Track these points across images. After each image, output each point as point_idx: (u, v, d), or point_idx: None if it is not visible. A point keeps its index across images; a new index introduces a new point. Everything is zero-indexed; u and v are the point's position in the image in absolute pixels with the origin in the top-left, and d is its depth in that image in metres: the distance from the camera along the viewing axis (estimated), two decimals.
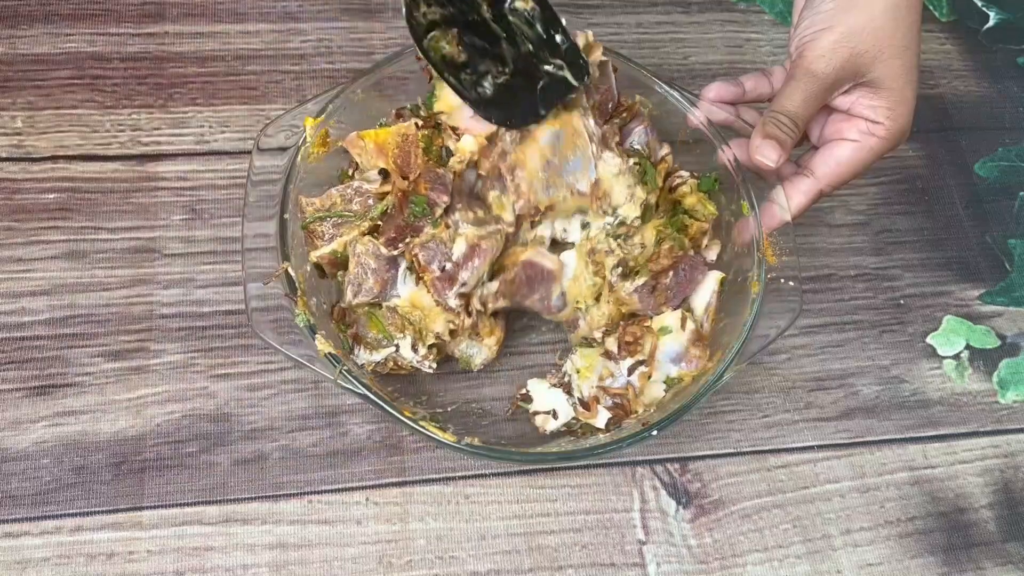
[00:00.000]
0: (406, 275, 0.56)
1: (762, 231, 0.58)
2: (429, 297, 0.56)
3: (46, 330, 0.60)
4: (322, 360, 0.53)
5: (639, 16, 0.79)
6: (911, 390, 0.67)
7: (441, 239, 0.55)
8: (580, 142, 0.56)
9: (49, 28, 0.70)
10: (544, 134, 0.56)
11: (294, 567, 0.55)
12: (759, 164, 0.57)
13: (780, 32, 0.80)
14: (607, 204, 0.57)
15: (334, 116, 0.59)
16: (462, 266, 0.55)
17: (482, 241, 0.55)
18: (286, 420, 0.59)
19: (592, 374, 0.57)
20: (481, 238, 0.55)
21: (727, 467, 0.62)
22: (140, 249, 0.63)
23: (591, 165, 0.56)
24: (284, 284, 0.54)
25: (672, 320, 0.58)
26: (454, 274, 0.55)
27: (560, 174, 0.56)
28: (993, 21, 0.85)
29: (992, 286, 0.72)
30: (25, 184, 0.64)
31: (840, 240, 0.72)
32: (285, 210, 0.56)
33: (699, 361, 0.57)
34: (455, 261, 0.55)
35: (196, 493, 0.57)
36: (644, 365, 0.57)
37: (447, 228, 0.55)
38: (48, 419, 0.58)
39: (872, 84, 0.58)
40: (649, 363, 0.57)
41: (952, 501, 0.63)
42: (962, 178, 0.77)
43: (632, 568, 0.58)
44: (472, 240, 0.55)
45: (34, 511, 0.55)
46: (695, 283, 0.59)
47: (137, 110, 0.68)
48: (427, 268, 0.55)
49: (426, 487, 0.59)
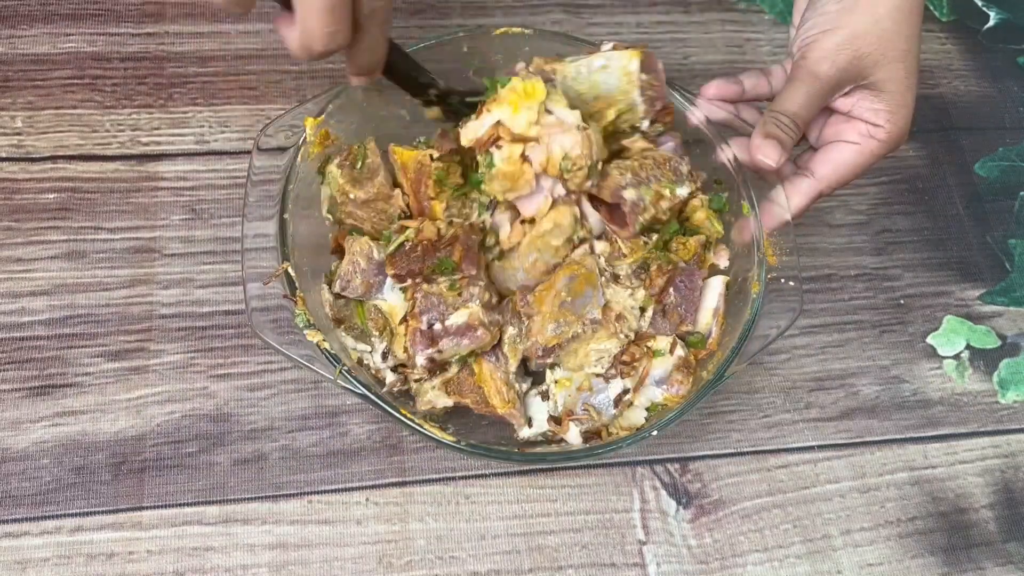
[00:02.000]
0: (394, 284, 0.56)
1: (762, 231, 0.58)
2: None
3: (46, 330, 0.60)
4: (322, 360, 0.53)
5: (639, 16, 0.79)
6: (911, 390, 0.67)
7: (446, 299, 0.55)
8: (592, 277, 0.56)
9: (49, 28, 0.70)
10: (561, 280, 0.56)
11: (294, 567, 0.55)
12: (759, 164, 0.57)
13: (780, 32, 0.80)
14: (625, 328, 0.56)
15: (334, 116, 0.59)
16: (450, 335, 0.54)
17: (481, 327, 0.54)
18: (286, 420, 0.59)
19: (571, 384, 0.57)
20: (482, 323, 0.54)
21: (727, 467, 0.62)
22: (140, 249, 0.63)
23: (599, 295, 0.56)
24: (284, 284, 0.54)
25: (663, 344, 0.58)
26: (437, 338, 0.54)
27: (572, 310, 0.56)
28: (993, 21, 0.85)
29: (992, 286, 0.72)
30: (25, 184, 0.64)
31: (840, 240, 0.72)
32: (285, 210, 0.56)
33: (681, 387, 0.56)
34: (447, 326, 0.54)
35: (196, 493, 0.57)
36: (630, 392, 0.57)
37: (459, 295, 0.55)
38: (48, 419, 0.58)
39: (873, 87, 0.58)
40: (636, 389, 0.57)
41: (952, 501, 0.63)
42: (962, 178, 0.77)
43: (632, 568, 0.58)
44: (474, 320, 0.54)
45: (34, 511, 0.55)
46: (699, 289, 0.59)
47: (137, 110, 0.68)
48: (417, 316, 0.55)
49: (426, 487, 0.59)
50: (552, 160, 0.53)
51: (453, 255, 0.55)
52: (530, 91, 0.53)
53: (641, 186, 0.56)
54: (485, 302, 0.55)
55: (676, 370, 0.57)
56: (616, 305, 0.56)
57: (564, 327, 0.55)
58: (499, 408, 0.56)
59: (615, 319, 0.56)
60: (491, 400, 0.56)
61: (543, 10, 0.77)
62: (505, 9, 0.77)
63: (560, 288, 0.56)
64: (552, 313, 0.55)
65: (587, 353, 0.56)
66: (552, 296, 0.56)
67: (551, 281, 0.56)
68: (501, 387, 0.56)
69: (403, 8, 0.75)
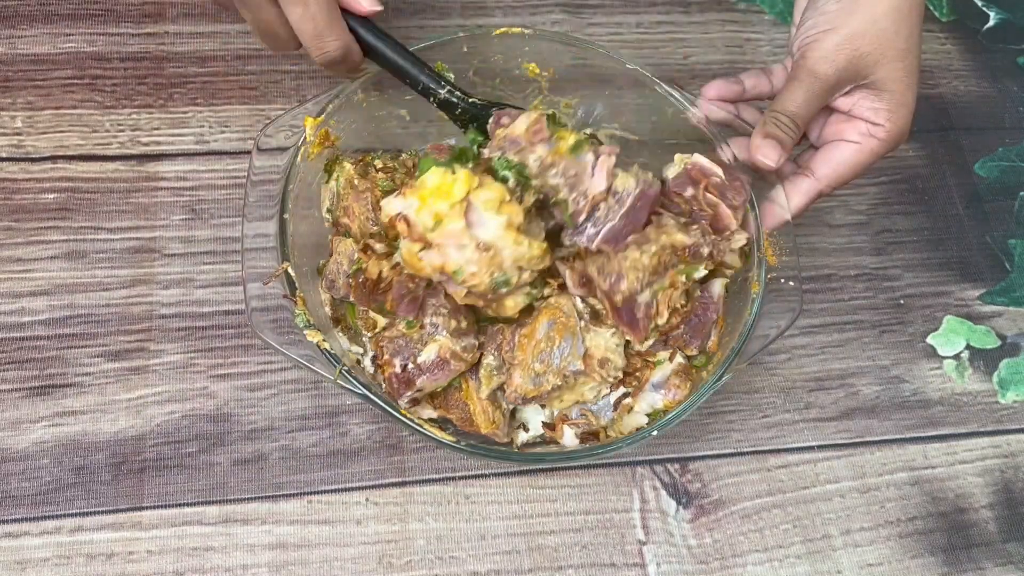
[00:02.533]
0: None
1: (762, 231, 0.58)
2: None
3: (46, 330, 0.60)
4: (322, 360, 0.53)
5: (639, 16, 0.79)
6: (911, 390, 0.67)
7: (411, 337, 0.53)
8: (571, 323, 0.54)
9: (49, 28, 0.70)
10: (541, 326, 0.54)
11: (294, 567, 0.55)
12: (759, 163, 0.57)
13: (780, 32, 0.80)
14: (611, 370, 0.54)
15: (334, 116, 0.59)
16: (425, 372, 0.53)
17: (453, 359, 0.53)
18: (286, 420, 0.59)
19: (568, 400, 0.57)
20: (454, 354, 0.53)
21: (727, 467, 0.62)
22: (140, 249, 0.63)
23: (579, 343, 0.54)
24: (284, 284, 0.54)
25: (664, 353, 0.57)
26: (413, 378, 0.53)
27: (551, 362, 0.53)
28: (993, 21, 0.85)
29: (992, 286, 0.72)
30: (25, 184, 0.64)
31: (840, 240, 0.72)
32: (285, 210, 0.55)
33: (678, 391, 0.56)
34: (419, 364, 0.53)
35: (196, 493, 0.57)
36: (629, 397, 0.56)
37: (420, 329, 0.53)
38: (48, 419, 0.58)
39: (874, 86, 0.58)
40: (635, 394, 0.56)
41: (952, 501, 0.63)
42: (962, 178, 0.77)
43: (632, 568, 0.58)
44: (444, 352, 0.53)
45: (34, 511, 0.55)
46: (711, 322, 0.57)
47: (137, 110, 0.68)
48: (390, 362, 0.53)
49: (426, 487, 0.59)
50: (447, 268, 0.50)
51: (386, 303, 0.52)
52: (445, 189, 0.49)
53: (656, 283, 0.53)
54: (453, 329, 0.53)
55: (675, 375, 0.56)
56: (597, 350, 0.54)
57: (543, 383, 0.54)
58: (482, 428, 0.55)
59: (598, 365, 0.54)
60: (476, 419, 0.55)
61: (543, 10, 0.77)
62: (505, 9, 0.77)
63: (540, 337, 0.54)
64: (529, 366, 0.54)
65: (574, 399, 0.56)
66: (532, 345, 0.54)
67: (532, 326, 0.54)
68: (487, 406, 0.55)
69: (403, 8, 0.75)
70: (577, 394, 0.56)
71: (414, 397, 0.54)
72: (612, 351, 0.54)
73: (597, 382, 0.55)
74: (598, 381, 0.55)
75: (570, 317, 0.54)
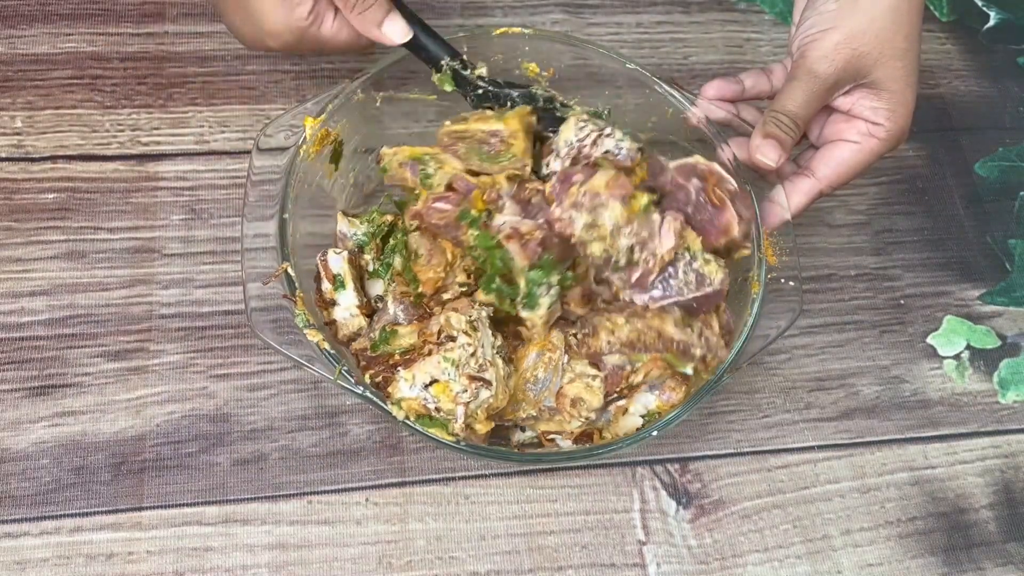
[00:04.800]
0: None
1: (762, 231, 0.58)
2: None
3: (46, 330, 0.60)
4: (322, 360, 0.53)
5: (639, 16, 0.79)
6: (911, 390, 0.67)
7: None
8: (555, 358, 0.54)
9: (49, 28, 0.70)
10: (532, 355, 0.54)
11: (294, 567, 0.55)
12: (759, 163, 0.57)
13: (780, 32, 0.80)
14: (584, 410, 0.54)
15: (334, 116, 0.59)
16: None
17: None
18: (286, 420, 0.59)
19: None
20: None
21: (727, 467, 0.62)
22: (140, 249, 0.63)
23: (557, 379, 0.54)
24: (284, 284, 0.54)
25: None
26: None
27: (531, 392, 0.54)
28: (993, 21, 0.85)
29: (992, 286, 0.72)
30: (25, 184, 0.64)
31: (840, 240, 0.72)
32: (285, 210, 0.56)
33: (674, 394, 0.55)
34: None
35: (196, 493, 0.57)
36: (623, 399, 0.56)
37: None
38: (48, 419, 0.58)
39: (873, 86, 0.58)
40: (629, 396, 0.56)
41: (952, 501, 0.63)
42: (962, 178, 0.77)
43: (632, 568, 0.58)
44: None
45: (34, 511, 0.55)
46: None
47: (137, 110, 0.68)
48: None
49: (426, 487, 0.59)
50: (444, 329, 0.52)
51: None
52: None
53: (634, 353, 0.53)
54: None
55: (670, 377, 0.56)
56: (572, 389, 0.54)
57: (520, 409, 0.55)
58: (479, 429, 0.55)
59: (569, 405, 0.54)
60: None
61: (543, 10, 0.77)
62: (505, 9, 0.77)
63: (528, 365, 0.54)
64: (510, 389, 0.54)
65: (551, 428, 0.56)
66: (519, 373, 0.54)
67: (525, 351, 0.55)
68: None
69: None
70: (555, 424, 0.56)
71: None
72: (586, 391, 0.54)
73: (568, 420, 0.55)
74: (569, 419, 0.55)
75: (556, 351, 0.54)
